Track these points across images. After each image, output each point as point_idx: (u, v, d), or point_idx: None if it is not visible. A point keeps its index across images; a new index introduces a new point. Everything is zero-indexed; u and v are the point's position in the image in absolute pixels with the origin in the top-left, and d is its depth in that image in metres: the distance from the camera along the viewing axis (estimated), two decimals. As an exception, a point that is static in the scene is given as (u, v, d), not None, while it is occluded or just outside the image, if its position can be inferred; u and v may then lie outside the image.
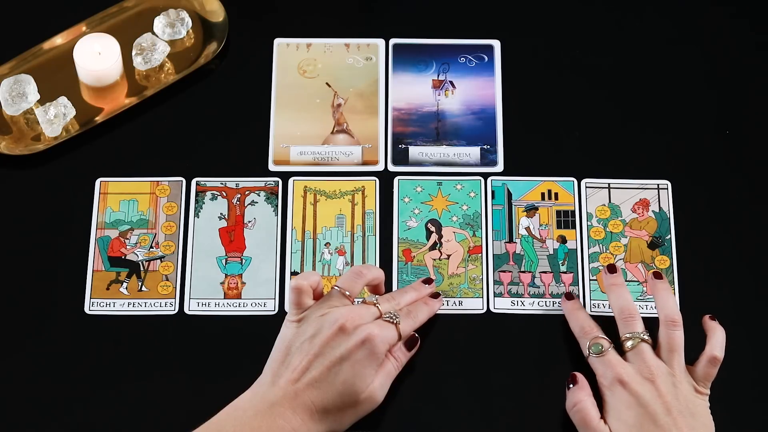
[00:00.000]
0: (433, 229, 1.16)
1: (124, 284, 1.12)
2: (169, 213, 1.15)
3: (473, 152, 1.18)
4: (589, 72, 1.22)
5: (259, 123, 1.19)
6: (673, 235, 1.15)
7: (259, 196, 1.16)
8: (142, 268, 1.13)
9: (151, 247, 1.14)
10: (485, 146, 1.19)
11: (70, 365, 1.08)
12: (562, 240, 1.15)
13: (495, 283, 1.13)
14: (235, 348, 1.09)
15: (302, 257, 1.14)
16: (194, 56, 1.22)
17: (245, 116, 1.20)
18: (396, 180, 1.17)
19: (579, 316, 1.08)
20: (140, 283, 1.12)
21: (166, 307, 1.11)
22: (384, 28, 1.24)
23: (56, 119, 1.17)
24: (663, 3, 1.25)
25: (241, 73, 1.22)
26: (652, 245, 1.15)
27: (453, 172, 1.18)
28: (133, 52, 1.20)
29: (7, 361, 1.08)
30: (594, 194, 1.17)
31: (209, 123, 1.19)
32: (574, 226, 1.15)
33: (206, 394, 1.06)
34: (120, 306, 1.11)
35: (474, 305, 1.12)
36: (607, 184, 1.17)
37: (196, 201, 1.16)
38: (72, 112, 1.18)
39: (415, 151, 1.19)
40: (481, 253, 1.14)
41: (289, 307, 1.09)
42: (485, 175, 1.17)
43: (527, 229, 1.15)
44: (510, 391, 1.08)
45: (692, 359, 1.05)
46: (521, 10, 1.25)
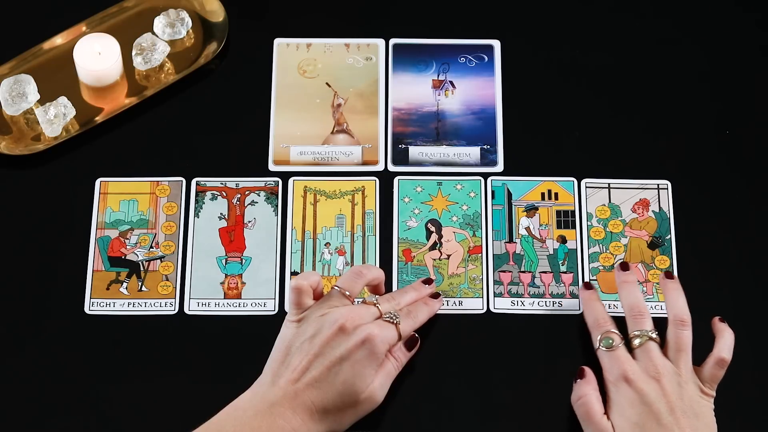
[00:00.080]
0: (433, 229, 1.15)
1: (124, 284, 1.12)
2: (169, 213, 1.15)
3: (473, 152, 1.18)
4: (589, 72, 1.22)
5: (259, 123, 1.19)
6: (673, 235, 1.15)
7: (259, 196, 1.16)
8: (142, 268, 1.13)
9: (151, 247, 1.14)
10: (485, 146, 1.19)
11: (70, 365, 1.08)
12: (562, 240, 1.15)
13: (495, 283, 1.13)
14: (235, 348, 1.09)
15: (302, 257, 1.14)
16: (194, 56, 1.22)
17: (245, 116, 1.20)
18: (396, 180, 1.17)
19: (595, 308, 1.08)
20: (140, 283, 1.12)
21: (166, 307, 1.11)
22: (384, 28, 1.24)
23: (56, 119, 1.17)
24: (663, 3, 1.25)
25: (241, 73, 1.22)
26: (652, 245, 1.15)
27: (453, 172, 1.17)
28: (133, 52, 1.20)
29: (8, 361, 1.08)
30: (594, 194, 1.16)
31: (209, 123, 1.19)
32: (574, 226, 1.15)
33: (206, 394, 1.06)
34: (120, 306, 1.11)
35: (474, 305, 1.12)
36: (607, 184, 1.17)
37: (196, 201, 1.16)
38: (72, 112, 1.18)
39: (415, 151, 1.19)
40: (481, 253, 1.14)
41: (289, 307, 1.09)
42: (485, 175, 1.17)
43: (527, 229, 1.15)
44: (510, 391, 1.08)
45: (696, 360, 1.05)
46: (521, 10, 1.25)
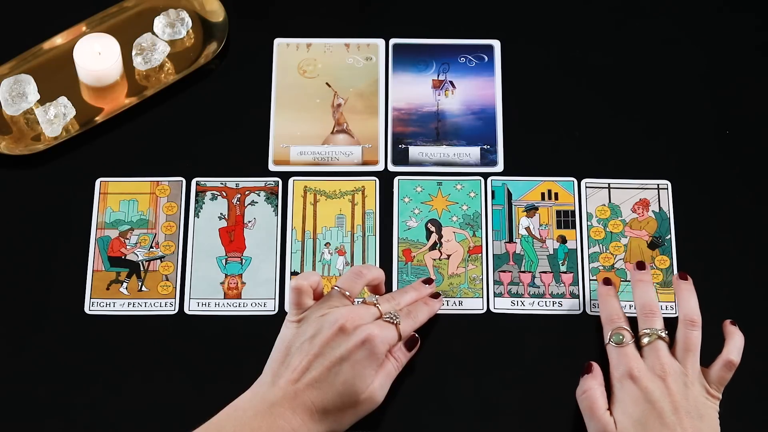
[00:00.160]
0: (433, 229, 1.15)
1: (124, 284, 1.12)
2: (169, 213, 1.15)
3: (473, 152, 1.18)
4: (589, 72, 1.22)
5: (259, 123, 1.19)
6: (673, 235, 1.15)
7: (259, 196, 1.16)
8: (142, 268, 1.13)
9: (151, 247, 1.14)
10: (485, 146, 1.19)
11: (70, 365, 1.08)
12: (562, 240, 1.15)
13: (495, 283, 1.13)
14: (235, 348, 1.09)
15: (302, 257, 1.14)
16: (194, 56, 1.22)
17: (245, 116, 1.20)
18: (396, 180, 1.17)
19: (611, 303, 1.08)
20: (140, 283, 1.12)
21: (166, 307, 1.11)
22: (384, 28, 1.24)
23: (56, 119, 1.17)
24: (663, 3, 1.25)
25: (241, 73, 1.22)
26: (652, 245, 1.14)
27: (453, 172, 1.17)
28: (133, 52, 1.20)
29: (8, 361, 1.08)
30: (594, 194, 1.16)
31: (209, 123, 1.19)
32: (574, 226, 1.15)
33: (206, 394, 1.06)
34: (120, 306, 1.11)
35: (474, 305, 1.12)
36: (607, 184, 1.17)
37: (196, 201, 1.16)
38: (72, 112, 1.18)
39: (415, 151, 1.19)
40: (481, 253, 1.14)
41: (289, 308, 1.09)
42: (485, 175, 1.17)
43: (527, 229, 1.15)
44: (510, 391, 1.08)
45: (703, 363, 1.04)
46: (521, 10, 1.25)
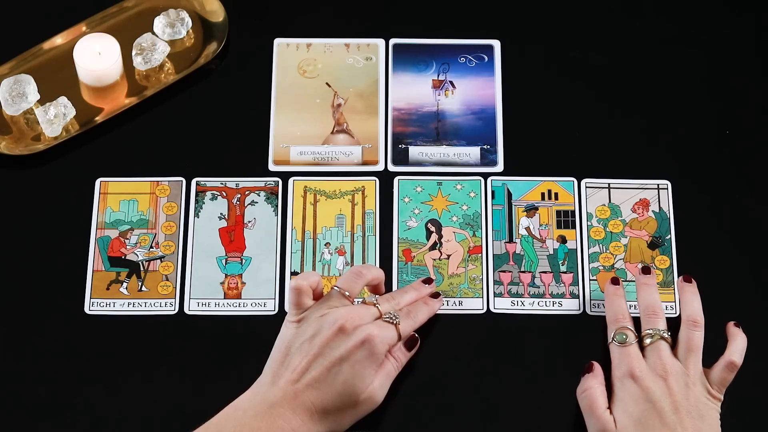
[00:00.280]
0: (433, 229, 1.15)
1: (124, 284, 1.12)
2: (169, 213, 1.15)
3: (473, 152, 1.18)
4: (588, 72, 1.22)
5: (259, 123, 1.19)
6: (673, 235, 1.15)
7: (259, 196, 1.16)
8: (142, 268, 1.13)
9: (151, 247, 1.14)
10: (485, 146, 1.19)
11: (70, 365, 1.08)
12: (562, 240, 1.15)
13: (495, 283, 1.13)
14: (235, 348, 1.09)
15: (302, 257, 1.14)
16: (194, 56, 1.22)
17: (245, 116, 1.20)
18: (396, 180, 1.17)
19: (618, 303, 1.08)
20: (140, 283, 1.12)
21: (166, 307, 1.11)
22: (384, 28, 1.24)
23: (56, 119, 1.17)
24: (663, 3, 1.25)
25: (241, 73, 1.22)
26: (652, 245, 1.14)
27: (453, 172, 1.17)
28: (133, 52, 1.20)
29: (8, 361, 1.08)
30: (594, 194, 1.16)
31: (209, 123, 1.19)
32: (574, 226, 1.15)
33: (206, 394, 1.06)
34: (120, 306, 1.11)
35: (474, 305, 1.12)
36: (607, 184, 1.17)
37: (196, 201, 1.16)
38: (72, 112, 1.18)
39: (415, 151, 1.19)
40: (481, 253, 1.14)
41: (288, 308, 1.09)
42: (485, 175, 1.17)
43: (527, 229, 1.15)
44: (510, 391, 1.08)
45: (705, 364, 1.04)
46: (521, 10, 1.25)
